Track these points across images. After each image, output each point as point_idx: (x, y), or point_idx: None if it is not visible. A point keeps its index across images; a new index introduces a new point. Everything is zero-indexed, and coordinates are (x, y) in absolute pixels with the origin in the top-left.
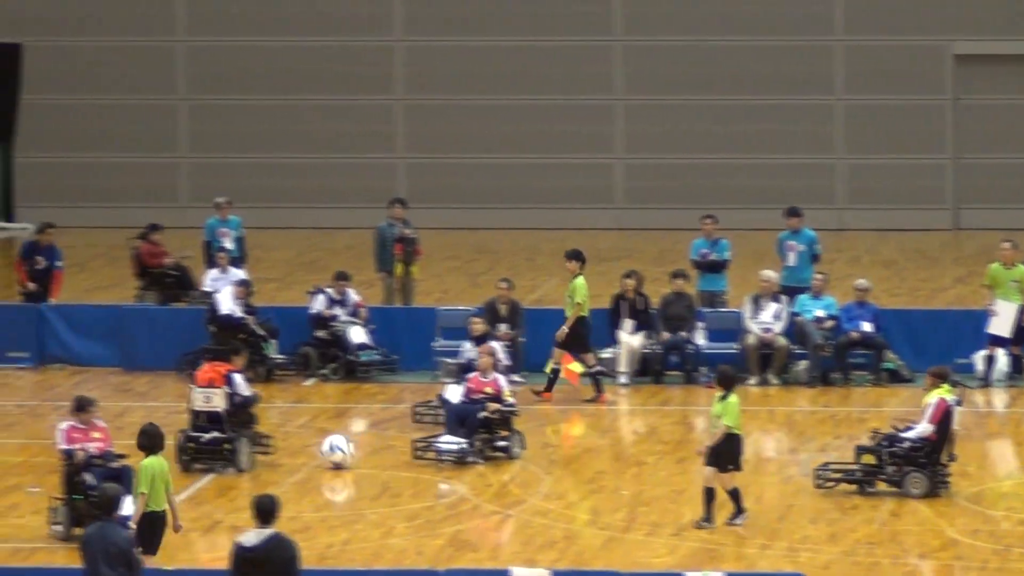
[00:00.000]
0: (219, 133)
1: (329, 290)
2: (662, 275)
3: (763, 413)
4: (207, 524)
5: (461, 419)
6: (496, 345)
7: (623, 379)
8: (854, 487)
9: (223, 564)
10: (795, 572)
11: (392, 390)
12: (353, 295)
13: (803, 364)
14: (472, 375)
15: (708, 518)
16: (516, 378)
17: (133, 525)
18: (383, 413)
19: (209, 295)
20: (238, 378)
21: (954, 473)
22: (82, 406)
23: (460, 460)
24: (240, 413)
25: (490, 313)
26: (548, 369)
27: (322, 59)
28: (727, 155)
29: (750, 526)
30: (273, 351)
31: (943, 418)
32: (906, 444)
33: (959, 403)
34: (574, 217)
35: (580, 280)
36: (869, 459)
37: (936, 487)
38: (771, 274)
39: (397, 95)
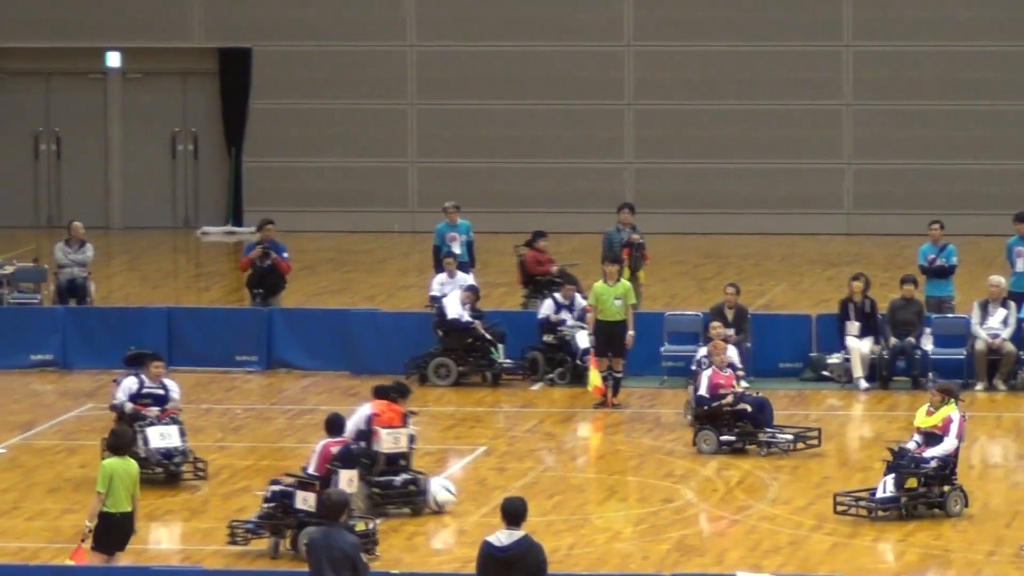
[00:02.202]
0: (448, 137)
1: (557, 295)
2: (890, 280)
3: (990, 419)
4: (433, 528)
5: (760, 410)
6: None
7: (863, 384)
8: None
9: (448, 567)
10: None
11: (619, 395)
12: (580, 300)
13: None
14: (711, 371)
15: None
16: (743, 383)
17: (90, 523)
18: (609, 418)
19: (436, 300)
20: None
21: None
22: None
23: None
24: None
25: (716, 318)
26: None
27: (551, 64)
28: (957, 160)
29: (976, 532)
30: (500, 356)
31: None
32: (933, 463)
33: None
34: (803, 222)
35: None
36: (913, 483)
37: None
38: (1000, 279)
39: (625, 100)
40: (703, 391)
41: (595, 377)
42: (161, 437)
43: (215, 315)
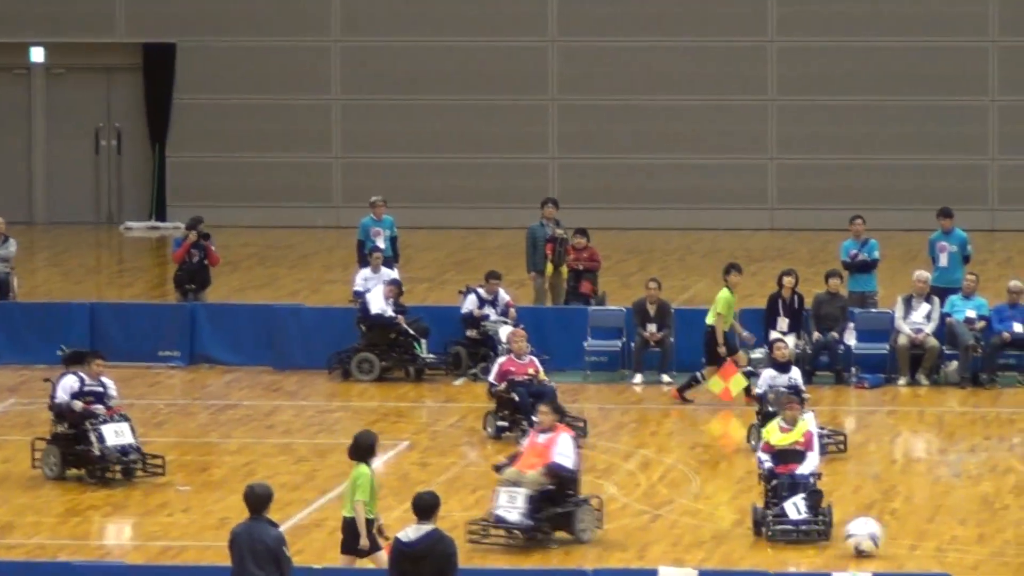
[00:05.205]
0: (372, 133)
1: (480, 290)
2: (813, 275)
3: (913, 414)
4: None
5: (538, 397)
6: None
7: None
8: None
9: (372, 562)
10: (943, 573)
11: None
12: (504, 295)
13: (953, 365)
14: (506, 358)
15: None
16: (665, 377)
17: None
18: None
19: (360, 295)
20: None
21: None
22: None
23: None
24: None
25: (639, 313)
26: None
27: (476, 60)
28: (880, 156)
29: (898, 526)
30: (423, 351)
31: None
32: (811, 480)
33: None
34: (726, 218)
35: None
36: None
37: None
38: (925, 274)
39: (551, 95)
40: (492, 377)
41: (742, 380)
42: (116, 435)
43: (138, 310)
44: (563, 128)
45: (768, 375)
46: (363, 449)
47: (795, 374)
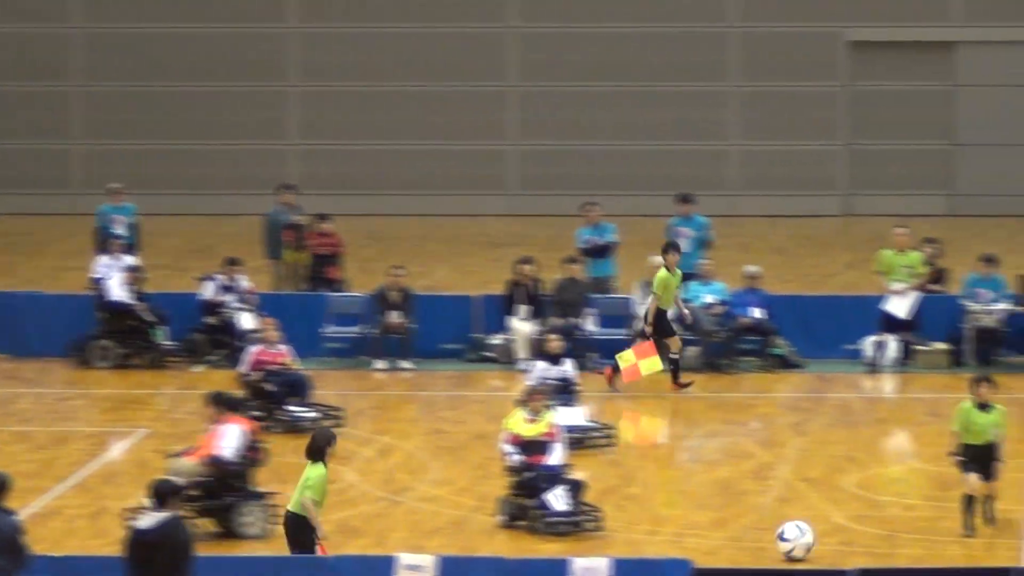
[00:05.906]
0: (111, 120)
1: (220, 276)
2: (553, 261)
3: (652, 399)
4: (94, 510)
5: (293, 386)
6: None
7: (524, 365)
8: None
9: (110, 550)
10: (682, 558)
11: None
12: (244, 281)
13: (692, 350)
14: (257, 348)
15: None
16: (406, 364)
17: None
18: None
19: (98, 281)
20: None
21: (842, 458)
22: None
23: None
24: None
25: (381, 300)
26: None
27: (215, 46)
28: (620, 142)
29: (637, 511)
30: (163, 338)
31: None
32: (559, 471)
33: None
34: (466, 203)
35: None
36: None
37: None
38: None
39: (290, 82)
40: (245, 367)
41: (656, 364)
42: None
43: None
44: (302, 114)
45: (540, 367)
46: (315, 448)
47: (567, 366)
